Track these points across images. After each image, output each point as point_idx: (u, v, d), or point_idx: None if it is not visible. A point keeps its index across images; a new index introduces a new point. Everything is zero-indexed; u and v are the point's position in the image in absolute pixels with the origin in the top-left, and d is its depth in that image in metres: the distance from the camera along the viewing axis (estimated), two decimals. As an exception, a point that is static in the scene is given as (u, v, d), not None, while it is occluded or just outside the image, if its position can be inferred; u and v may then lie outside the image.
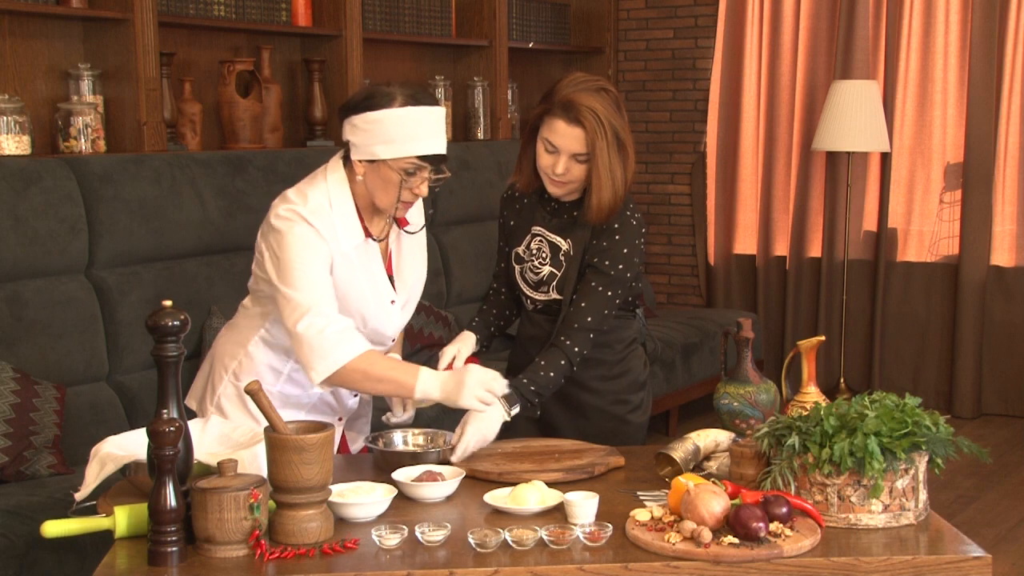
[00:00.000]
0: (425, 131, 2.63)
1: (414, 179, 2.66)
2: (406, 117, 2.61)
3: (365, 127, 2.63)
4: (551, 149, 2.81)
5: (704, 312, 6.44)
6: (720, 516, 2.17)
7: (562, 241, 2.91)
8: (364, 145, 2.64)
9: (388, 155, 2.62)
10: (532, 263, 2.95)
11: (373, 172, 2.66)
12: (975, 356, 6.26)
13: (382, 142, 2.62)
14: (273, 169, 4.53)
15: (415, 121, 2.62)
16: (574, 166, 2.80)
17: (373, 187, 2.68)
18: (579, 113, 2.74)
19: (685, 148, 7.01)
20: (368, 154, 2.64)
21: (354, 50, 5.22)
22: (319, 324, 2.57)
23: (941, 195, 6.32)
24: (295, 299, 2.59)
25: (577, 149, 2.78)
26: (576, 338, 2.84)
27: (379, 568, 2.09)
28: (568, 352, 2.83)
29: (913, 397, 2.34)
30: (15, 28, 4.22)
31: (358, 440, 3.03)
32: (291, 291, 2.60)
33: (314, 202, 2.66)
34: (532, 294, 2.96)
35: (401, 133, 2.61)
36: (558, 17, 6.77)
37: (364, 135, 2.63)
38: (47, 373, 3.68)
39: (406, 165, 2.64)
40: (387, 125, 2.61)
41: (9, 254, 3.68)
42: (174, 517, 2.08)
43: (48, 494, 3.24)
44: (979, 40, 6.08)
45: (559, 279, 2.90)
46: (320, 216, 2.65)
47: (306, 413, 2.85)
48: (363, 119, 2.63)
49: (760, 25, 6.61)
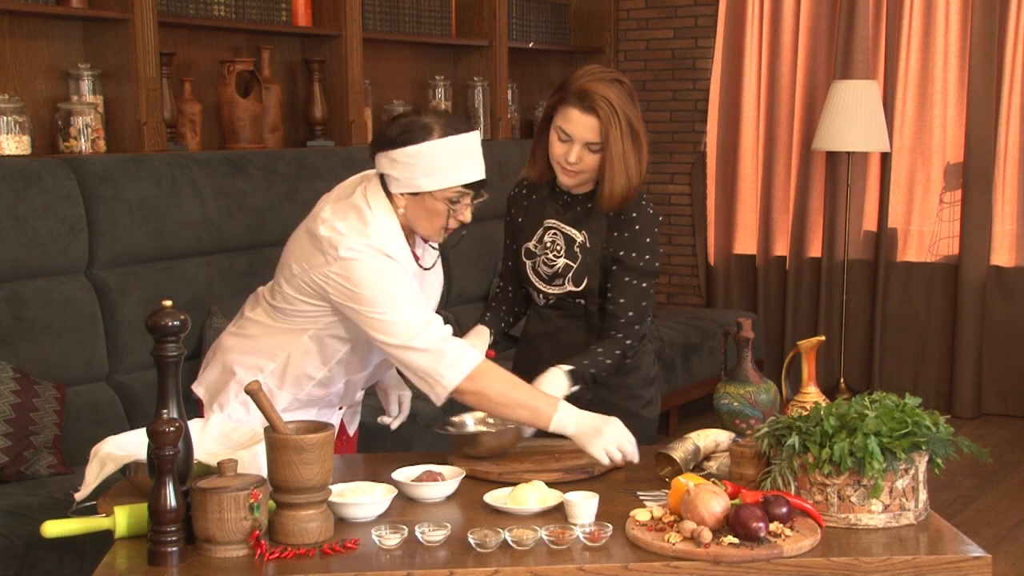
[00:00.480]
0: (466, 159, 2.65)
1: (458, 206, 2.67)
2: (446, 148, 2.62)
3: (406, 161, 2.62)
4: (564, 138, 2.83)
5: (704, 312, 6.45)
6: (720, 516, 2.17)
7: (577, 233, 2.92)
8: (406, 179, 2.64)
9: (432, 187, 2.63)
10: (546, 256, 2.95)
11: (416, 204, 2.67)
12: (975, 356, 6.26)
13: (425, 175, 2.62)
14: (273, 169, 4.53)
15: (456, 151, 2.63)
16: (587, 155, 2.82)
17: (416, 218, 2.69)
18: (593, 102, 2.76)
19: (685, 148, 7.01)
20: (411, 187, 2.64)
21: (354, 50, 5.22)
22: (442, 333, 2.59)
23: (941, 195, 6.32)
24: (405, 321, 2.57)
25: (590, 138, 2.80)
26: (626, 331, 2.89)
27: (379, 568, 2.09)
28: (622, 344, 2.89)
29: (913, 397, 2.34)
30: (15, 28, 4.22)
31: (353, 421, 3.06)
32: (398, 315, 2.57)
33: (377, 236, 2.64)
34: (545, 288, 2.96)
35: (443, 164, 2.62)
36: (558, 17, 6.77)
37: (405, 169, 2.63)
38: (47, 373, 3.68)
39: (450, 195, 2.65)
40: (428, 158, 2.61)
41: (9, 254, 3.68)
42: (174, 517, 2.08)
43: (48, 494, 3.24)
44: (979, 40, 6.08)
45: (575, 270, 2.91)
46: (390, 247, 2.64)
47: (317, 411, 2.85)
48: (402, 153, 2.62)
49: (760, 25, 6.61)
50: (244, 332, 2.84)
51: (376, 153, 2.69)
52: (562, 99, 2.82)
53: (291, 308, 2.73)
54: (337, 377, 2.81)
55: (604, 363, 2.85)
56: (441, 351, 2.57)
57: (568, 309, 2.96)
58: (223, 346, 2.87)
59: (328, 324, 2.72)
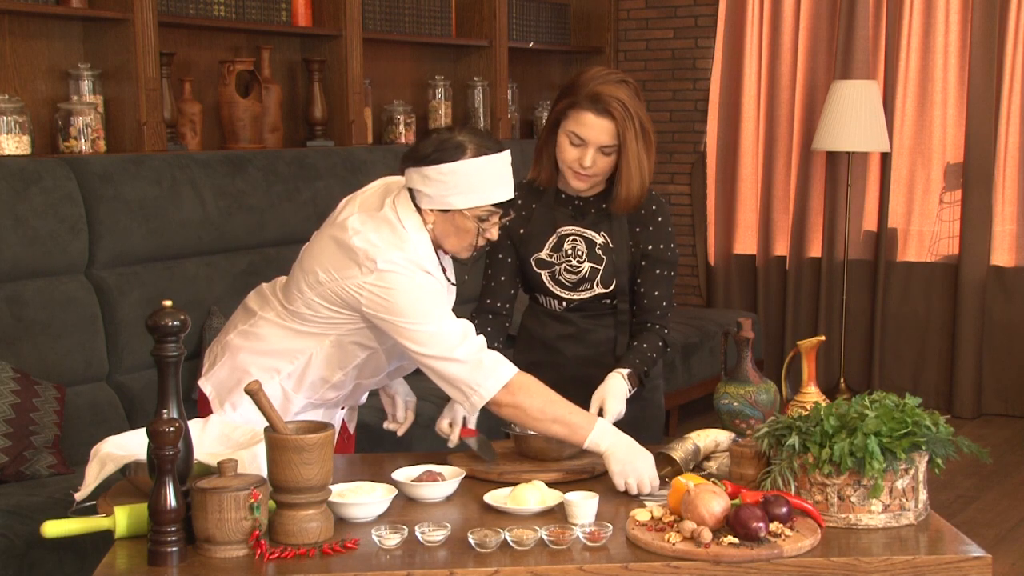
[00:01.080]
0: (498, 179, 2.66)
1: (486, 224, 2.69)
2: (479, 168, 2.63)
3: (438, 178, 2.62)
4: (577, 142, 2.82)
5: (704, 312, 6.44)
6: (720, 516, 2.17)
7: (596, 235, 2.92)
8: (438, 196, 2.64)
9: (464, 205, 2.64)
10: (568, 263, 2.94)
11: (446, 221, 2.67)
12: (975, 356, 6.26)
13: (457, 193, 2.63)
14: (273, 169, 4.53)
15: (488, 171, 2.64)
16: (600, 158, 2.82)
17: (444, 234, 2.70)
18: (608, 104, 2.77)
19: (685, 148, 7.01)
20: (443, 204, 2.65)
21: (354, 50, 5.22)
22: (478, 344, 2.60)
23: (941, 195, 6.32)
24: (444, 331, 2.59)
25: (605, 141, 2.80)
26: (663, 321, 2.96)
27: (379, 568, 2.09)
28: (661, 334, 2.95)
29: (913, 397, 2.34)
30: (15, 28, 4.22)
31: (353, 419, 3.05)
32: (436, 326, 2.59)
33: (412, 249, 2.65)
34: (568, 295, 2.96)
35: (475, 183, 2.63)
36: (558, 17, 6.77)
37: (437, 186, 2.63)
38: (47, 373, 3.68)
39: (481, 213, 2.66)
40: (461, 176, 2.62)
41: (9, 254, 3.68)
42: (174, 517, 2.08)
43: (48, 494, 3.23)
44: (979, 40, 6.08)
45: (602, 272, 2.91)
46: (425, 262, 2.66)
47: (324, 411, 2.85)
48: (436, 171, 2.62)
49: (760, 25, 6.61)
50: (255, 331, 2.81)
51: (407, 168, 2.68)
52: (573, 103, 2.81)
53: (313, 314, 2.71)
54: (350, 380, 2.81)
55: (651, 358, 2.91)
56: (479, 361, 2.58)
57: (591, 310, 2.97)
58: (232, 345, 2.83)
59: (351, 331, 2.71)
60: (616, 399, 2.75)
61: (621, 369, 2.82)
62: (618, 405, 2.75)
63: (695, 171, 6.95)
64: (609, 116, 2.77)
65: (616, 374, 2.80)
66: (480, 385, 2.57)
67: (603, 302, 2.95)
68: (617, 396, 2.76)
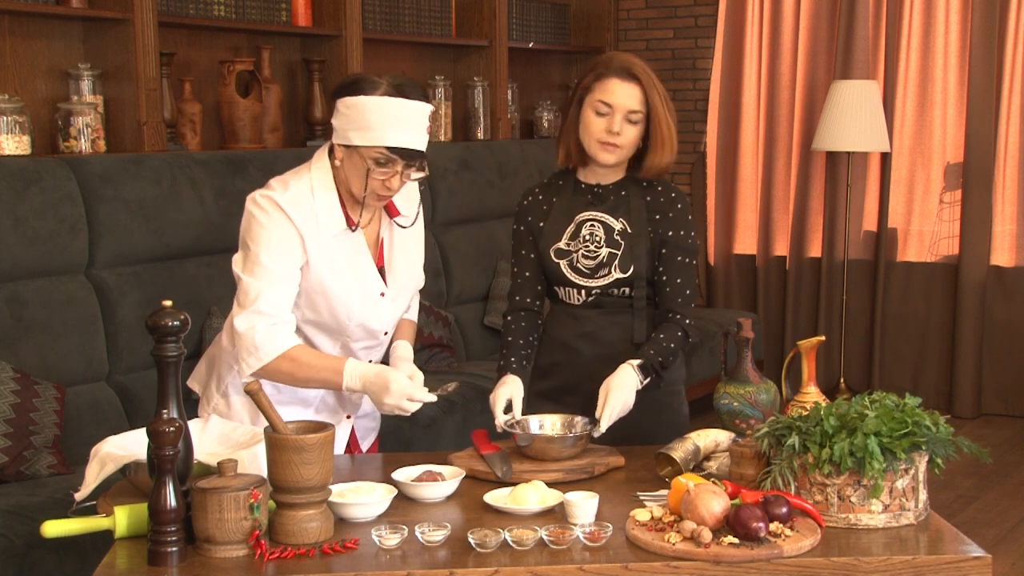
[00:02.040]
0: (401, 124, 2.62)
1: (385, 171, 2.65)
2: (383, 106, 2.61)
3: (345, 112, 2.64)
4: (605, 110, 2.85)
5: (704, 312, 6.44)
6: (720, 516, 2.17)
7: (615, 221, 2.92)
8: (342, 129, 2.65)
9: (360, 142, 2.63)
10: (586, 248, 2.92)
11: (348, 158, 2.67)
12: (975, 356, 6.26)
13: (357, 128, 2.62)
14: (273, 169, 4.49)
15: (391, 112, 2.61)
16: (627, 127, 2.86)
17: (349, 173, 2.69)
18: (633, 69, 2.84)
19: (685, 148, 7.00)
20: (344, 139, 2.65)
21: (354, 50, 5.22)
22: (254, 320, 2.62)
23: (941, 195, 6.32)
24: (245, 286, 2.64)
25: (633, 105, 2.84)
26: (685, 311, 2.92)
27: (379, 568, 2.09)
28: (682, 324, 2.91)
29: (913, 397, 2.34)
30: (15, 28, 4.22)
31: (368, 437, 3.02)
32: (245, 277, 2.65)
33: (294, 190, 2.68)
34: (587, 282, 2.93)
35: (376, 122, 2.60)
36: (558, 17, 6.77)
37: (344, 120, 2.64)
38: (47, 373, 3.68)
39: (376, 155, 2.63)
40: (364, 112, 2.61)
41: (9, 254, 3.68)
42: (174, 517, 2.08)
43: (48, 494, 3.24)
44: (979, 40, 6.08)
45: (620, 257, 2.90)
46: (298, 206, 2.66)
47: (314, 411, 2.85)
48: (345, 103, 2.64)
49: (760, 25, 6.61)
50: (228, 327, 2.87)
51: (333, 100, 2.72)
52: (599, 75, 2.87)
53: None
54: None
55: (669, 348, 2.87)
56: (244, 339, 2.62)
57: (608, 307, 2.94)
58: (214, 342, 2.93)
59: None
60: (622, 391, 2.72)
61: (632, 361, 2.79)
62: (623, 397, 2.72)
63: (695, 171, 6.95)
64: (636, 80, 2.84)
65: (626, 365, 2.78)
66: (243, 361, 2.63)
67: (621, 293, 2.91)
68: (623, 388, 2.73)
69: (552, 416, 2.78)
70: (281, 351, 2.63)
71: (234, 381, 2.82)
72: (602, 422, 2.68)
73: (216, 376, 2.86)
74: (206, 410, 2.84)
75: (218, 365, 2.87)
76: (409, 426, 4.17)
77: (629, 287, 2.90)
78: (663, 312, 2.93)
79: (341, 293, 2.74)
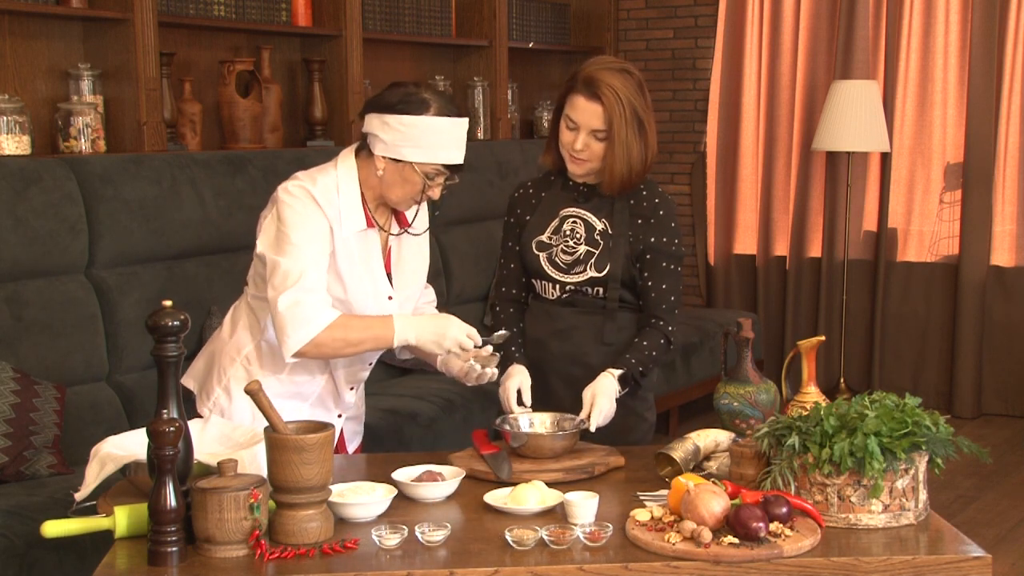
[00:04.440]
0: (452, 141, 2.75)
1: (432, 182, 2.77)
2: (438, 126, 2.72)
3: (398, 128, 2.71)
4: (572, 126, 2.87)
5: (704, 312, 6.44)
6: (720, 516, 2.17)
7: (597, 221, 2.94)
8: (393, 144, 2.72)
9: (416, 159, 2.72)
10: (564, 244, 2.95)
11: (395, 170, 2.75)
12: (975, 356, 6.26)
13: (412, 146, 2.71)
14: (273, 169, 4.52)
15: (445, 131, 2.73)
16: (593, 143, 2.86)
17: (391, 183, 2.77)
18: (598, 89, 2.81)
19: (685, 148, 7.01)
20: (396, 153, 2.73)
21: (354, 50, 5.22)
22: (299, 297, 2.66)
23: (941, 195, 6.32)
24: (284, 268, 2.68)
25: (596, 125, 2.83)
26: (668, 318, 2.93)
27: (379, 568, 2.09)
28: (665, 331, 2.92)
29: (913, 397, 2.34)
30: (15, 28, 4.22)
31: (354, 440, 3.05)
32: (283, 259, 2.68)
33: (322, 184, 2.76)
34: (563, 277, 2.95)
35: (431, 140, 2.72)
36: (558, 17, 6.77)
37: (395, 135, 2.72)
38: (47, 373, 3.68)
39: (429, 170, 2.74)
40: (420, 131, 2.71)
41: (9, 254, 3.68)
42: (174, 517, 2.08)
43: (48, 494, 3.24)
44: (979, 40, 6.08)
45: (597, 256, 2.91)
46: (326, 198, 2.74)
47: (309, 407, 2.86)
48: (397, 120, 2.71)
49: (760, 25, 6.61)
50: (225, 322, 2.95)
51: (369, 113, 2.76)
52: (571, 87, 2.88)
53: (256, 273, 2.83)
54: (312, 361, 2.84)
55: (651, 356, 2.89)
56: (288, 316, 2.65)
57: (582, 305, 2.95)
58: (212, 338, 2.97)
59: None
60: (606, 397, 2.77)
61: (613, 370, 2.82)
62: (608, 404, 2.77)
63: (695, 171, 6.95)
64: (598, 101, 2.82)
65: (607, 374, 2.81)
66: (289, 337, 2.66)
67: (595, 293, 2.92)
68: (607, 395, 2.78)
69: (541, 414, 2.80)
70: (330, 321, 2.68)
71: (236, 374, 2.83)
72: (592, 421, 2.72)
73: (217, 370, 2.88)
74: (205, 405, 2.86)
75: (219, 359, 2.89)
76: (409, 426, 4.17)
77: (603, 287, 2.92)
78: (646, 318, 2.95)
79: (356, 290, 2.80)
